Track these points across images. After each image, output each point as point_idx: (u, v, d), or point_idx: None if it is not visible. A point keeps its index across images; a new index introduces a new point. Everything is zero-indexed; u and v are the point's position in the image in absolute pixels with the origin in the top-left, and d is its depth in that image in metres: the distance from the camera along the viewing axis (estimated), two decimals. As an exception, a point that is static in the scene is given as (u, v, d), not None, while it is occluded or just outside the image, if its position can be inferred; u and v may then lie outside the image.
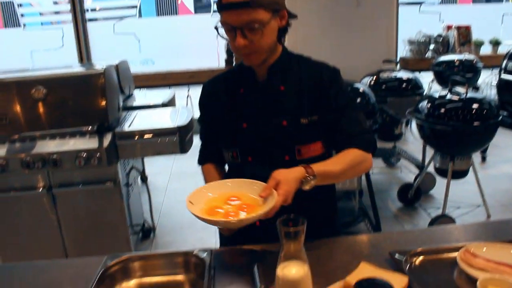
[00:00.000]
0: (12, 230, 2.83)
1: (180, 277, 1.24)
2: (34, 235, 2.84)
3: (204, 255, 1.25)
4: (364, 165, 1.44)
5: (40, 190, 2.73)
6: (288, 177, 1.23)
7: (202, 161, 1.68)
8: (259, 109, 1.46)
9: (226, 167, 1.64)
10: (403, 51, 5.55)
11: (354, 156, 1.40)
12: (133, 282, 1.22)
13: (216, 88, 1.56)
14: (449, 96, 3.09)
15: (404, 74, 4.03)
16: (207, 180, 1.58)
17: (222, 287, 1.19)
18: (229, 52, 5.16)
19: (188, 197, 1.25)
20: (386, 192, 4.01)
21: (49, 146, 2.67)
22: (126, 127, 2.84)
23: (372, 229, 3.14)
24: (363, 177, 3.04)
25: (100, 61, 3.28)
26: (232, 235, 1.40)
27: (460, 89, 3.15)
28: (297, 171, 1.26)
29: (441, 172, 3.33)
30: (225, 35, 1.36)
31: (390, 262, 1.24)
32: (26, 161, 2.62)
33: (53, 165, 2.64)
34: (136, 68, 4.77)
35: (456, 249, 1.27)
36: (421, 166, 3.94)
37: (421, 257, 1.27)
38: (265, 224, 1.23)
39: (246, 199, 1.26)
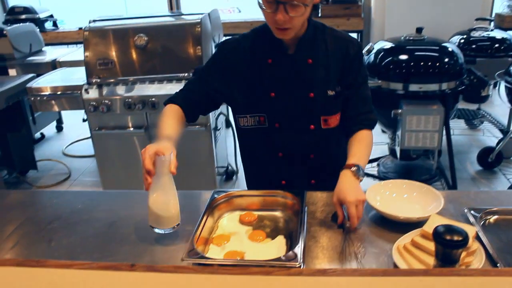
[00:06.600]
0: (112, 164, 3.16)
1: (277, 213, 1.40)
2: (131, 169, 3.14)
3: (297, 194, 1.40)
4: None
5: (139, 130, 3.01)
6: (348, 189, 1.34)
7: (173, 101, 1.61)
8: (287, 81, 1.50)
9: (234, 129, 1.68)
10: (500, 6, 5.23)
11: (369, 138, 1.54)
12: (237, 213, 1.40)
13: (241, 52, 1.54)
14: (544, 59, 2.97)
15: (497, 34, 3.87)
16: (166, 122, 1.55)
17: (314, 225, 1.36)
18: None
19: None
20: (465, 154, 3.97)
21: (148, 89, 2.93)
22: (218, 75, 3.02)
23: (448, 189, 3.17)
24: (444, 137, 3.04)
25: (190, 10, 3.43)
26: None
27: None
28: (349, 177, 1.38)
29: (527, 138, 3.26)
30: (263, 6, 1.34)
31: (465, 218, 1.33)
32: (128, 102, 2.91)
33: (152, 107, 2.90)
34: (223, 16, 4.92)
35: (532, 212, 1.33)
36: (505, 131, 3.84)
37: (495, 216, 1.35)
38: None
39: None
